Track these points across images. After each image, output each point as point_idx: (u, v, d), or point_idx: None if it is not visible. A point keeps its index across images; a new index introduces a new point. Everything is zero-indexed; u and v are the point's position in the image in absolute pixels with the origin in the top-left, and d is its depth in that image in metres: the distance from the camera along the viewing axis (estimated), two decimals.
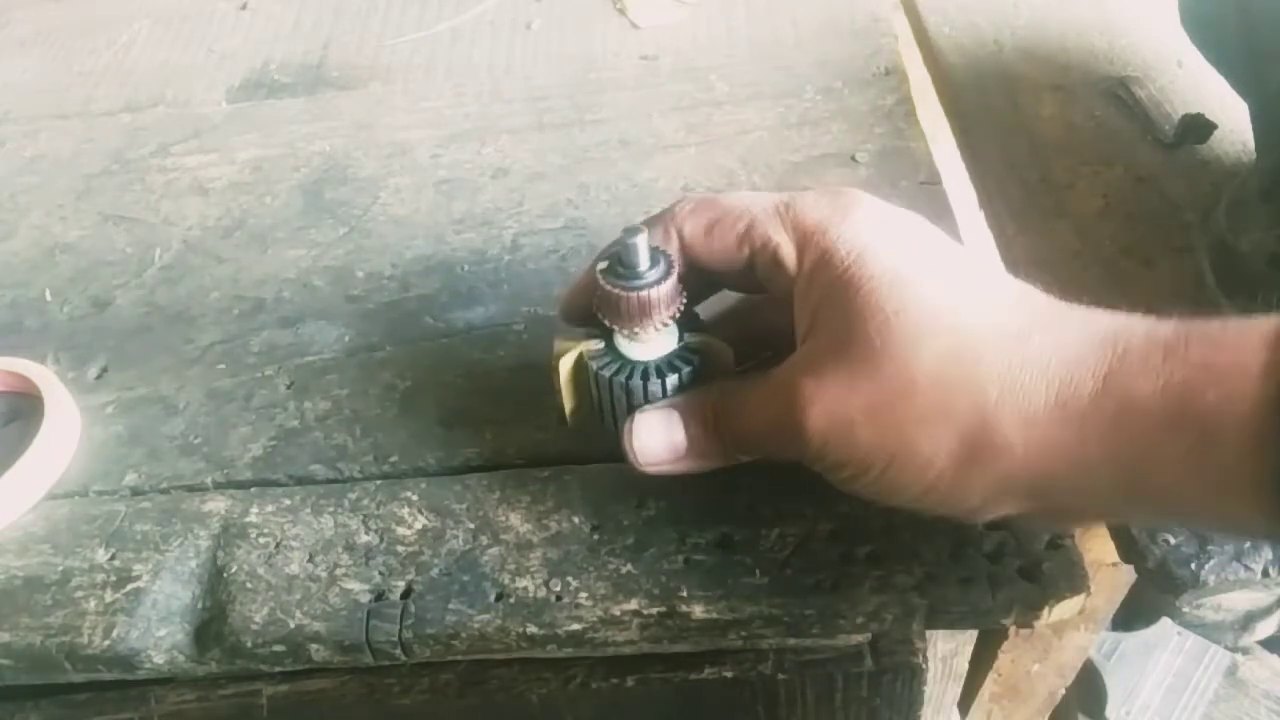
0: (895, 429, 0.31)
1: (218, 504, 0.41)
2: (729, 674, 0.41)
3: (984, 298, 0.32)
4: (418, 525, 0.40)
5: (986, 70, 0.61)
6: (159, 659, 0.38)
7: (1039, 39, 0.62)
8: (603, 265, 0.35)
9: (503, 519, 0.39)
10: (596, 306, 0.35)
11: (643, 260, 0.34)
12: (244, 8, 0.73)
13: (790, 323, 0.36)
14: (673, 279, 0.34)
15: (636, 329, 0.35)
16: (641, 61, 0.63)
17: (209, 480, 0.43)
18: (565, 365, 0.37)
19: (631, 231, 0.34)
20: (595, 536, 0.38)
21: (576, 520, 0.39)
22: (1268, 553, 0.37)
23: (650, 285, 0.34)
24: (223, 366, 0.47)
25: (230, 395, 0.46)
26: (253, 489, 0.42)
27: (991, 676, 0.60)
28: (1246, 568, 0.37)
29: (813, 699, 0.43)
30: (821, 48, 0.62)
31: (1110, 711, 0.89)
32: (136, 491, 0.43)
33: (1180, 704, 0.90)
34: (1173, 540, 0.38)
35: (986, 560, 0.36)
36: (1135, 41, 0.61)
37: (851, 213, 0.34)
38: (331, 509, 0.41)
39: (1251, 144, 0.52)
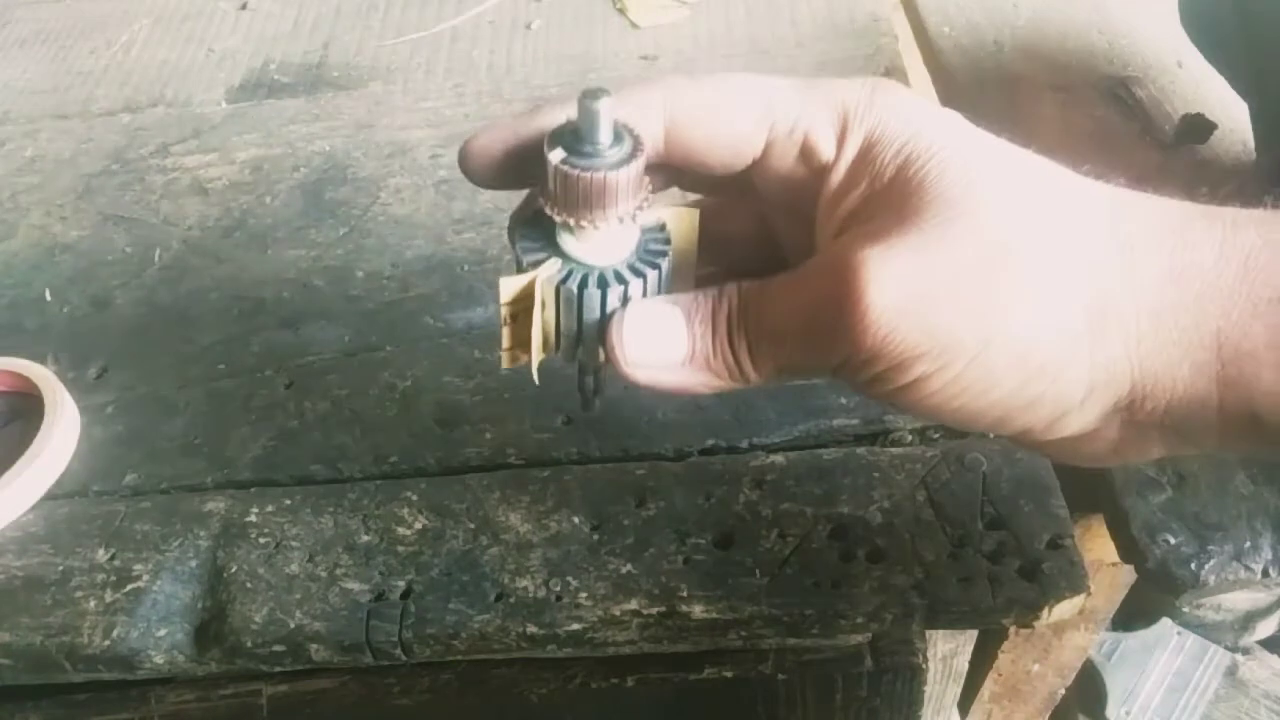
0: (990, 305, 0.25)
1: (218, 504, 0.41)
2: (729, 674, 0.41)
3: (1062, 170, 0.28)
4: (418, 525, 0.40)
5: (986, 70, 0.61)
6: (159, 659, 0.38)
7: (1039, 39, 0.62)
8: (552, 134, 0.27)
9: (503, 519, 0.39)
10: (541, 190, 0.28)
11: (604, 133, 0.27)
12: (244, 8, 0.73)
13: (763, 232, 0.32)
14: (639, 161, 0.27)
15: (585, 222, 0.27)
16: (641, 61, 0.63)
17: (209, 480, 0.43)
18: (510, 294, 0.29)
19: (593, 95, 0.26)
20: (595, 536, 0.38)
21: (576, 520, 0.39)
22: (1268, 553, 0.37)
23: (612, 166, 0.27)
24: (223, 366, 0.47)
25: (230, 395, 0.46)
26: (253, 489, 0.42)
27: (991, 676, 0.60)
28: (1246, 568, 0.37)
29: (813, 699, 0.43)
30: (821, 48, 0.62)
31: (1110, 711, 0.89)
32: (136, 491, 0.43)
33: (1180, 704, 0.90)
34: (1173, 540, 0.38)
35: (986, 560, 0.36)
36: (1135, 41, 0.61)
37: (893, 90, 0.28)
38: (331, 509, 0.41)
39: (1251, 144, 0.52)
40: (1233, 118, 0.55)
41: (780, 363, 0.28)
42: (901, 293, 0.25)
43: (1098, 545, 0.44)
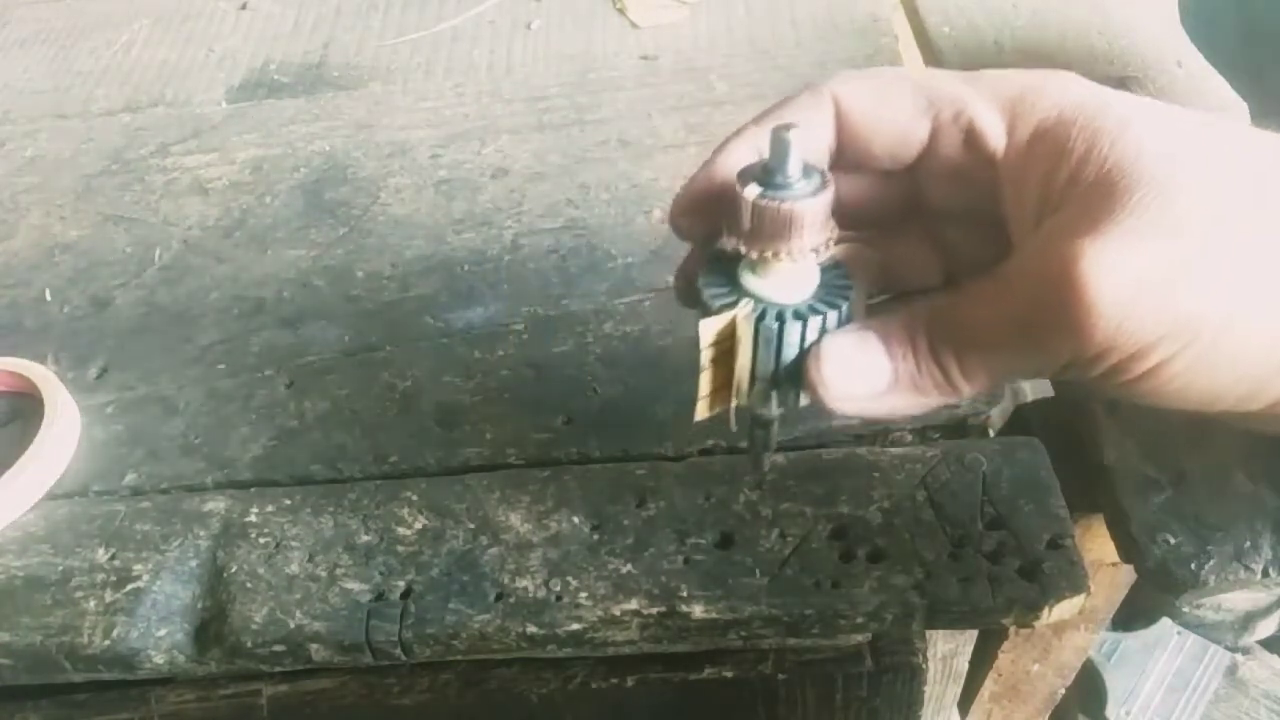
0: (1229, 275, 0.24)
1: (218, 504, 0.41)
2: (729, 674, 0.41)
3: (1262, 131, 0.27)
4: (418, 525, 0.40)
5: None
6: (159, 659, 0.38)
7: (1039, 39, 0.62)
8: (741, 173, 0.28)
9: (503, 519, 0.39)
10: (731, 228, 0.29)
11: (794, 165, 0.27)
12: (244, 8, 0.73)
13: (928, 253, 0.31)
14: (829, 193, 0.27)
15: (782, 254, 0.28)
16: (641, 61, 0.63)
17: (209, 480, 0.43)
18: (710, 336, 0.29)
19: (784, 128, 0.27)
20: (595, 536, 0.38)
21: (576, 520, 0.39)
22: (1268, 552, 0.37)
23: (805, 196, 0.27)
24: (223, 366, 0.47)
25: (230, 395, 0.46)
26: (253, 489, 0.42)
27: (991, 676, 0.60)
28: (1246, 568, 0.37)
29: (813, 699, 0.43)
30: (821, 48, 0.62)
31: (1110, 711, 0.89)
32: (136, 491, 0.43)
33: (1180, 704, 0.90)
34: (1173, 540, 0.38)
35: (986, 560, 0.36)
36: (1135, 41, 0.61)
37: (1066, 75, 0.28)
38: (331, 509, 0.41)
39: None
40: (1232, 118, 0.55)
41: (995, 370, 0.27)
42: (1129, 280, 0.24)
43: (1098, 545, 0.44)
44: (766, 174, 0.27)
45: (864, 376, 0.28)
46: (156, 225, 0.56)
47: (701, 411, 0.30)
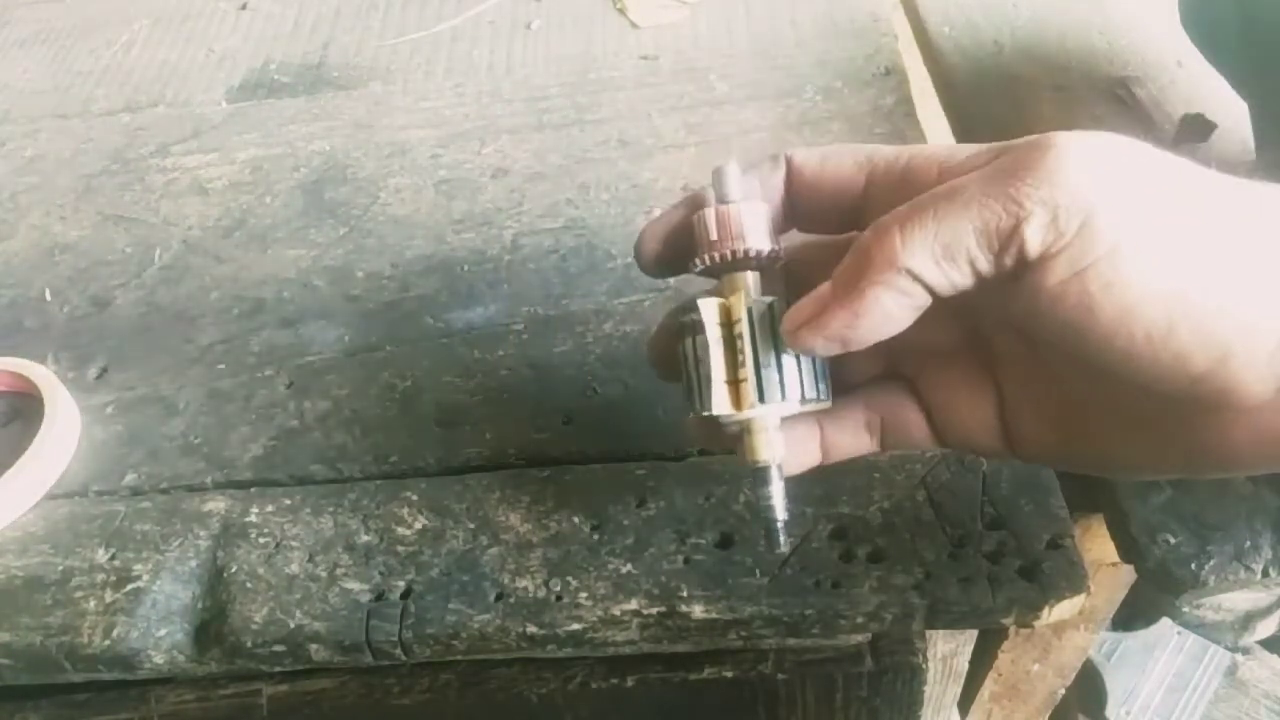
0: (1196, 198, 0.26)
1: (218, 504, 0.41)
2: (729, 674, 0.41)
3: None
4: (418, 525, 0.40)
5: (986, 70, 0.61)
6: (159, 659, 0.38)
7: (1039, 39, 0.62)
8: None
9: (503, 519, 0.39)
10: (697, 249, 0.33)
11: (735, 187, 0.32)
12: (244, 8, 0.73)
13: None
14: (768, 208, 0.32)
15: (741, 250, 0.31)
16: (641, 61, 0.63)
17: (209, 480, 0.43)
18: (711, 313, 0.32)
19: (722, 165, 0.33)
20: (595, 536, 0.38)
21: (576, 520, 0.39)
22: (1268, 552, 0.37)
23: (741, 202, 0.32)
24: (223, 366, 0.47)
25: (230, 395, 0.46)
26: (253, 489, 0.42)
27: (991, 676, 0.60)
28: (1246, 568, 0.37)
29: (813, 699, 0.43)
30: (821, 48, 0.62)
31: (1110, 711, 0.89)
32: (136, 491, 0.43)
33: (1180, 704, 0.90)
34: (1173, 540, 0.38)
35: (986, 560, 0.36)
36: (1135, 41, 0.61)
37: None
38: (331, 509, 0.41)
39: (1251, 144, 0.52)
40: (1233, 118, 0.55)
41: (941, 234, 0.26)
42: (1101, 150, 0.26)
43: (1098, 545, 0.44)
44: (720, 199, 0.32)
45: (811, 300, 0.30)
46: (156, 225, 0.56)
47: (719, 400, 0.31)
